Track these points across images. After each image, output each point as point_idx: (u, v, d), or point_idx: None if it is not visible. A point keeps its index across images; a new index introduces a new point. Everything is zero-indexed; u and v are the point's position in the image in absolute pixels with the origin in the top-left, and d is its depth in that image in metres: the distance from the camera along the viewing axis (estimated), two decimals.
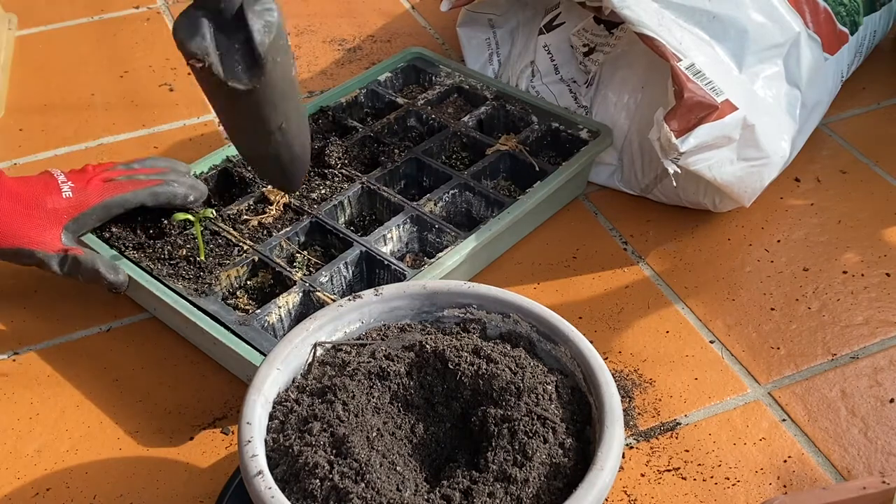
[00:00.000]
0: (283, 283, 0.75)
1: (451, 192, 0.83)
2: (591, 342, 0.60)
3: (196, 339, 0.76)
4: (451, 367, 0.59)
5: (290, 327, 0.72)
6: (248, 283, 0.76)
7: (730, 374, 0.74)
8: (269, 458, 0.54)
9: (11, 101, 1.06)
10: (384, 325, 0.63)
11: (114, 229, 0.78)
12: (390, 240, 0.79)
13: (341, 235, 0.78)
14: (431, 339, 0.60)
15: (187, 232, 0.78)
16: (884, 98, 1.05)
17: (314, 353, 0.61)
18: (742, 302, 0.80)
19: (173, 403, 0.72)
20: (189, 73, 1.09)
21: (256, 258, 0.76)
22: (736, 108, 0.79)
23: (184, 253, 0.76)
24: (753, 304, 0.80)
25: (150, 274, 0.74)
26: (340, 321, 0.62)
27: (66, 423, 0.71)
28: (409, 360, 0.59)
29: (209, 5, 0.55)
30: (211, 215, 0.75)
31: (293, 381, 0.60)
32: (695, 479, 0.66)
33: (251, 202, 0.81)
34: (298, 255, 0.78)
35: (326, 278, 0.74)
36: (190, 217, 0.75)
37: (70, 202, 0.74)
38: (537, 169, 0.85)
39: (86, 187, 0.76)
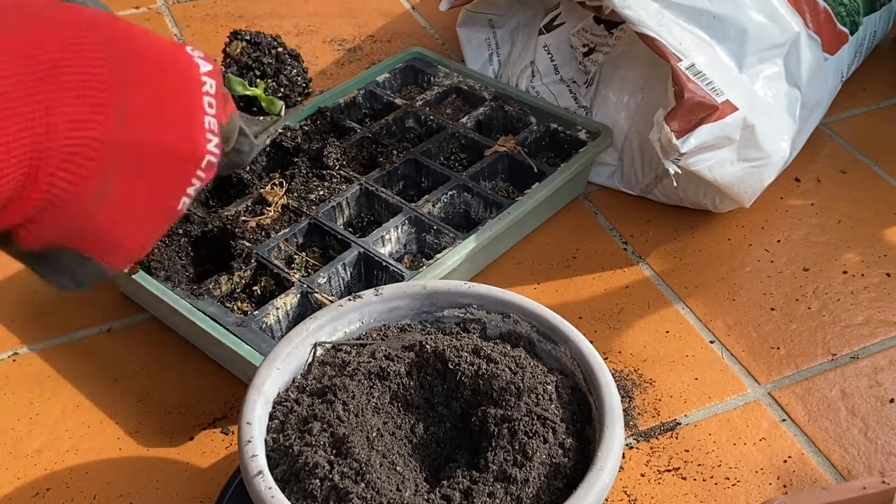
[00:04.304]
0: (281, 285, 0.75)
1: (450, 193, 0.83)
2: (591, 342, 0.60)
3: (196, 340, 0.76)
4: (451, 367, 0.58)
5: (288, 328, 0.72)
6: (247, 284, 0.76)
7: (730, 374, 0.74)
8: (269, 458, 0.54)
9: None
10: (384, 325, 0.63)
11: None
12: (388, 241, 0.79)
13: (339, 237, 0.78)
14: (431, 339, 0.60)
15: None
16: (884, 98, 1.05)
17: (314, 353, 0.61)
18: (742, 302, 0.80)
19: (173, 403, 0.72)
20: None
21: (256, 263, 0.76)
22: (736, 109, 0.79)
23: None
24: (753, 304, 0.80)
25: (149, 273, 0.74)
26: (340, 321, 0.62)
27: (66, 423, 0.71)
28: (409, 360, 0.59)
29: None
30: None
31: (293, 381, 0.60)
32: (695, 480, 0.66)
33: (249, 203, 0.81)
34: (297, 256, 0.78)
35: (324, 279, 0.74)
36: None
37: None
38: (536, 170, 0.85)
39: None
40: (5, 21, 0.34)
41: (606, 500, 0.63)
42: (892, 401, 0.72)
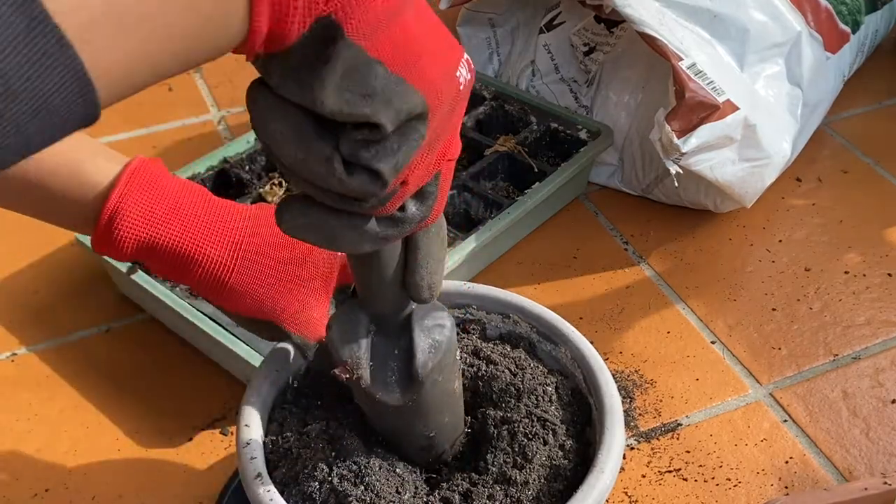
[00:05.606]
0: None
1: (450, 193, 0.83)
2: (592, 343, 0.60)
3: (195, 340, 0.76)
4: None
5: None
6: None
7: (731, 374, 0.74)
8: (268, 460, 0.54)
9: None
10: None
11: None
12: None
13: None
14: None
15: None
16: (885, 97, 1.05)
17: None
18: (743, 302, 0.80)
19: (172, 404, 0.72)
20: (188, 73, 1.09)
21: None
22: (737, 108, 0.79)
23: None
24: (755, 304, 0.80)
25: (149, 274, 0.74)
26: None
27: (65, 424, 0.71)
28: None
29: (374, 309, 0.48)
30: None
31: (292, 383, 0.59)
32: (696, 480, 0.66)
33: (248, 203, 0.81)
34: None
35: None
36: None
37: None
38: (536, 170, 0.85)
39: None
40: None
41: (607, 501, 0.63)
42: (893, 401, 0.72)
